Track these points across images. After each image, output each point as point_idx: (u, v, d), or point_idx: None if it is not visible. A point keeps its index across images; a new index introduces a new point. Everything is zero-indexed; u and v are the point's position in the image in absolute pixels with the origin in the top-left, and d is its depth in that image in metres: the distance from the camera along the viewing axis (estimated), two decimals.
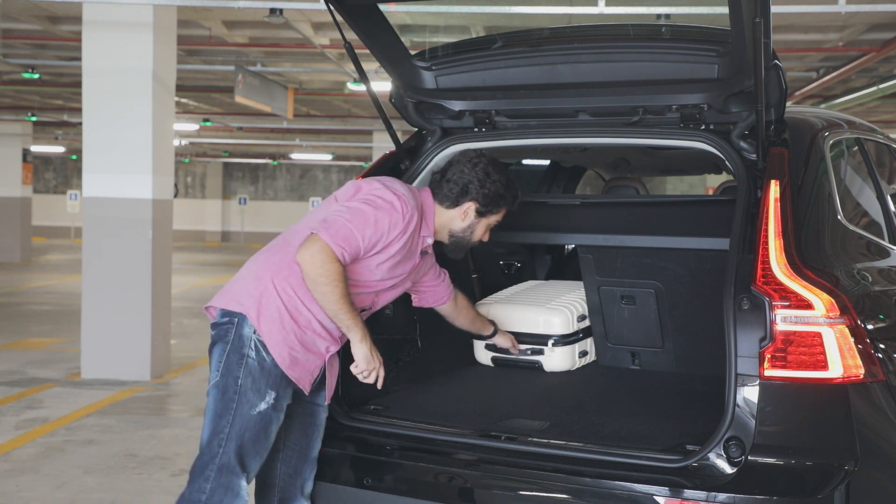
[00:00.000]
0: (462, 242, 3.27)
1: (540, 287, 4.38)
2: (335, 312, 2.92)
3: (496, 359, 4.03)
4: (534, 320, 3.96)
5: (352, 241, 2.90)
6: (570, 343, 4.00)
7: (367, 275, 3.03)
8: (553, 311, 3.98)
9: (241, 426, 2.84)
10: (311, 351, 2.96)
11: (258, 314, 2.89)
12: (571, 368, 4.00)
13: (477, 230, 3.26)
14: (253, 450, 2.87)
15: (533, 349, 3.95)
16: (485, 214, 3.23)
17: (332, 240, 2.86)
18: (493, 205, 3.22)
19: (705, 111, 3.27)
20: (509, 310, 4.03)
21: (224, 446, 2.84)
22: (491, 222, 3.28)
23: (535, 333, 3.95)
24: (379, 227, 2.95)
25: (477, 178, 3.18)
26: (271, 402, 2.87)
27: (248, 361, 2.86)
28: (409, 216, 3.01)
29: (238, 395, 2.85)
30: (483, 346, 4.03)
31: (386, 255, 3.01)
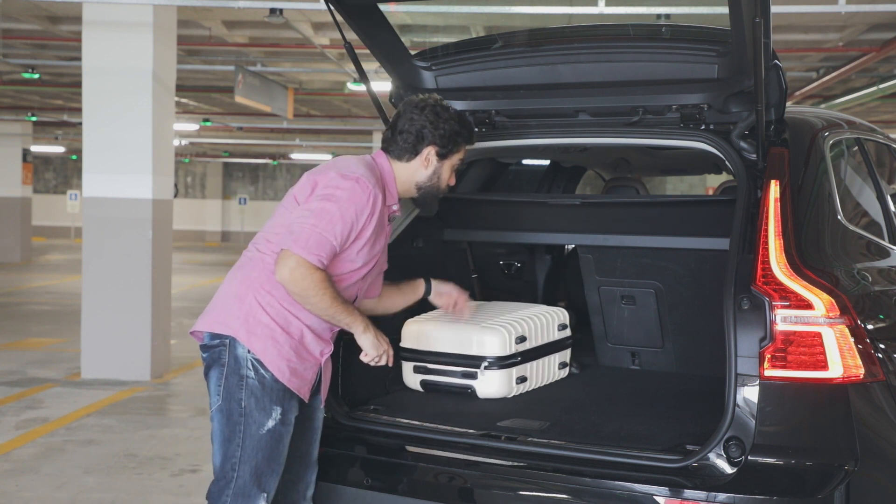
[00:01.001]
0: (431, 192, 3.14)
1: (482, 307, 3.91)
2: (331, 316, 2.89)
3: (425, 383, 3.63)
4: (466, 340, 3.55)
5: (324, 244, 2.81)
6: (506, 367, 3.55)
7: (349, 265, 2.96)
8: (488, 331, 3.54)
9: (253, 447, 2.81)
10: (307, 359, 2.93)
11: (248, 333, 2.84)
12: (507, 395, 3.57)
13: (443, 174, 3.13)
14: (269, 469, 2.84)
15: (465, 372, 3.55)
16: (446, 156, 3.11)
17: (305, 251, 2.78)
18: (451, 143, 3.10)
19: (705, 111, 3.27)
20: (440, 329, 3.61)
21: (238, 470, 2.81)
22: (454, 163, 3.15)
23: (466, 355, 3.54)
24: (346, 219, 2.85)
25: (429, 121, 3.06)
26: (278, 418, 2.84)
27: (249, 382, 2.82)
28: (372, 196, 2.90)
29: (244, 416, 2.81)
30: (411, 370, 3.66)
31: (362, 240, 2.93)
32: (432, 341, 3.60)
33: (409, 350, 3.63)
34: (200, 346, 2.95)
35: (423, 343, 3.60)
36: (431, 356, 3.59)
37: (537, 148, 4.15)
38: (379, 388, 3.61)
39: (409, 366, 3.66)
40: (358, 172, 2.91)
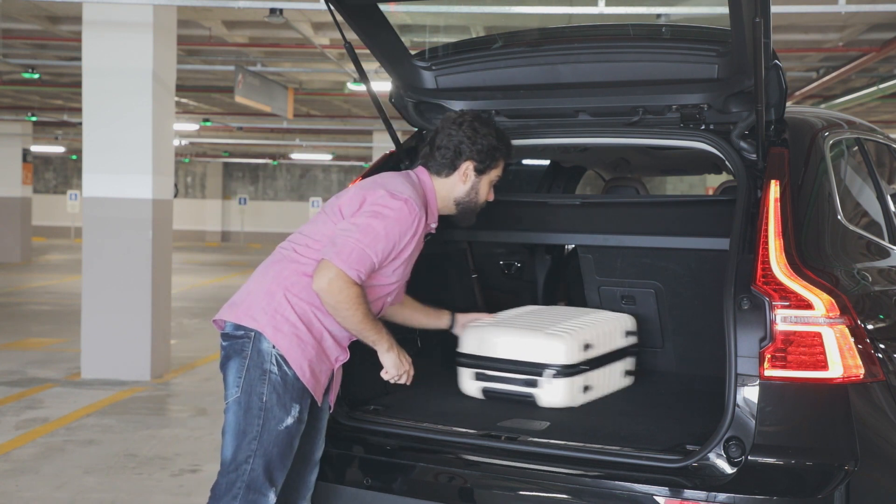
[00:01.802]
0: (470, 207, 3.19)
1: (542, 311, 3.90)
2: (359, 332, 2.93)
3: (485, 390, 3.52)
4: (530, 347, 3.44)
5: (365, 260, 2.85)
6: (572, 375, 3.42)
7: (384, 279, 3.01)
8: (553, 338, 3.41)
9: (269, 442, 2.82)
10: (324, 362, 2.96)
11: (274, 330, 2.85)
12: (572, 405, 3.43)
13: (481, 190, 3.18)
14: (281, 464, 2.86)
15: (527, 380, 3.43)
16: (484, 171, 3.15)
17: (346, 264, 2.81)
18: (489, 158, 3.13)
19: (705, 111, 3.27)
20: (501, 334, 3.52)
21: (252, 463, 2.81)
22: (492, 178, 3.19)
23: (530, 362, 3.43)
24: (390, 238, 2.90)
25: (466, 136, 3.09)
26: (296, 416, 2.86)
27: (272, 377, 2.83)
28: (418, 218, 2.96)
29: (264, 411, 2.82)
30: (471, 376, 3.56)
31: (400, 259, 2.98)
32: (493, 347, 3.48)
33: (468, 356, 3.52)
34: (221, 335, 2.96)
35: (484, 349, 3.49)
36: (492, 363, 3.48)
37: (537, 148, 4.15)
38: (379, 388, 3.61)
39: (468, 372, 3.54)
40: (406, 193, 2.97)
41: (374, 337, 2.96)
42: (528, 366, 3.41)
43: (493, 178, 3.19)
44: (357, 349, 3.46)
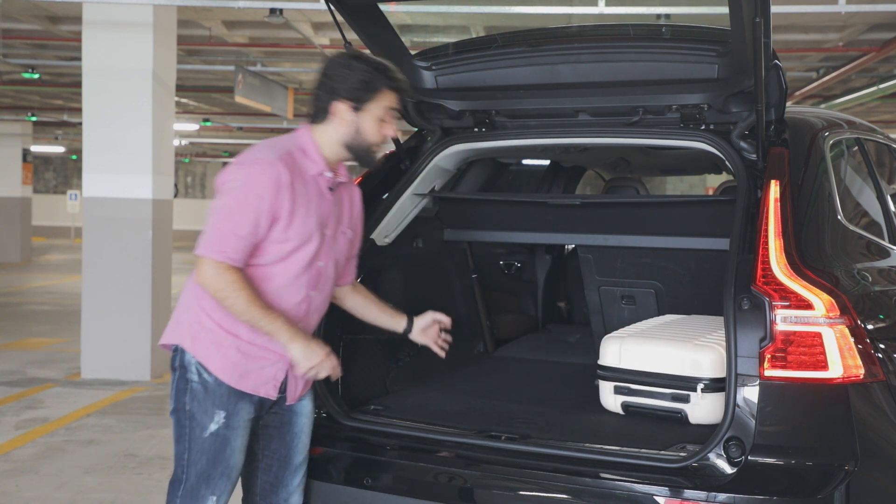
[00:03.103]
0: (361, 148, 2.91)
1: (681, 322, 3.66)
2: (250, 320, 2.75)
3: (627, 405, 3.29)
4: (678, 360, 3.18)
5: (229, 240, 2.72)
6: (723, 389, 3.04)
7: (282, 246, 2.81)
8: (703, 349, 3.15)
9: (198, 450, 2.80)
10: (263, 358, 2.85)
11: (192, 340, 2.82)
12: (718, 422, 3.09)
13: (365, 128, 2.88)
14: (215, 471, 2.81)
15: (675, 395, 3.18)
16: (362, 108, 2.87)
17: (212, 251, 2.72)
18: (364, 93, 2.86)
19: (705, 111, 3.27)
20: (646, 346, 3.29)
21: (186, 472, 2.81)
22: (379, 114, 2.89)
23: (678, 376, 3.17)
24: (247, 207, 2.72)
25: (336, 74, 2.88)
26: (221, 422, 2.80)
27: (192, 385, 2.81)
28: (274, 174, 2.75)
29: (189, 419, 2.81)
30: (611, 390, 3.32)
31: (283, 219, 2.78)
32: (637, 360, 3.26)
33: (609, 369, 3.32)
34: None
35: (626, 361, 3.28)
36: (636, 376, 3.26)
37: (537, 148, 4.15)
38: (379, 388, 3.61)
39: (609, 386, 3.33)
40: (255, 157, 2.81)
41: (269, 326, 2.75)
42: (677, 379, 3.16)
43: (379, 115, 2.89)
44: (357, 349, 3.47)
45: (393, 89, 2.92)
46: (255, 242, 2.77)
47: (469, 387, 3.82)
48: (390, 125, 2.96)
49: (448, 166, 3.85)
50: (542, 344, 4.72)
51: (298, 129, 2.97)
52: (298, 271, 2.86)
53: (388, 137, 2.97)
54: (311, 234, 2.86)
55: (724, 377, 2.80)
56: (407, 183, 3.69)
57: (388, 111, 2.93)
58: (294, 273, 2.86)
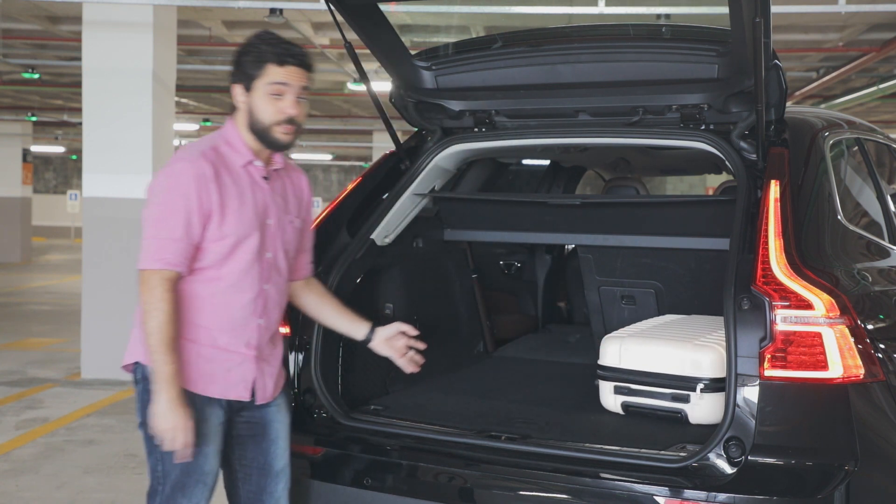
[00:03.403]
0: (260, 130, 2.79)
1: (681, 322, 3.64)
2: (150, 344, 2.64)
3: (627, 405, 3.29)
4: (678, 360, 3.18)
5: (166, 247, 2.66)
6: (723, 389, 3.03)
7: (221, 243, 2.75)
8: (703, 349, 3.15)
9: (170, 461, 2.74)
10: (227, 360, 2.80)
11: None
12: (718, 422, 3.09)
13: (256, 106, 2.78)
14: (190, 480, 2.77)
15: (675, 395, 3.18)
16: (250, 87, 2.78)
17: (151, 262, 2.66)
18: (247, 71, 2.77)
19: (705, 111, 3.27)
20: (645, 346, 3.28)
21: (162, 483, 2.78)
22: (267, 91, 2.76)
23: (678, 376, 3.17)
24: (176, 210, 2.67)
25: (234, 59, 2.82)
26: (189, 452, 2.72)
27: None
28: (194, 171, 2.70)
29: None
30: (611, 390, 3.32)
31: (216, 214, 2.72)
32: (637, 360, 3.25)
33: (609, 369, 3.31)
34: None
35: (626, 361, 3.27)
36: (636, 376, 3.25)
37: (537, 148, 4.15)
38: (379, 388, 3.61)
39: (609, 386, 3.32)
40: (176, 158, 2.77)
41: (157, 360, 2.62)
42: (677, 379, 3.15)
43: (267, 90, 2.77)
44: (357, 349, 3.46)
45: (279, 63, 2.77)
46: (194, 244, 2.71)
47: (469, 387, 3.82)
48: (288, 101, 2.78)
49: (448, 166, 3.85)
50: (542, 344, 4.72)
51: (226, 123, 2.91)
52: (246, 267, 2.79)
53: (287, 114, 2.78)
54: (249, 226, 2.79)
55: (724, 377, 2.80)
56: (407, 183, 3.69)
57: (280, 86, 2.77)
58: (242, 269, 2.79)
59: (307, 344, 3.26)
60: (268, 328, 2.88)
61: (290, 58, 2.78)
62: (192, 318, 2.76)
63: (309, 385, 3.26)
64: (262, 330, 2.86)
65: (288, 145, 2.85)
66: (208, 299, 2.77)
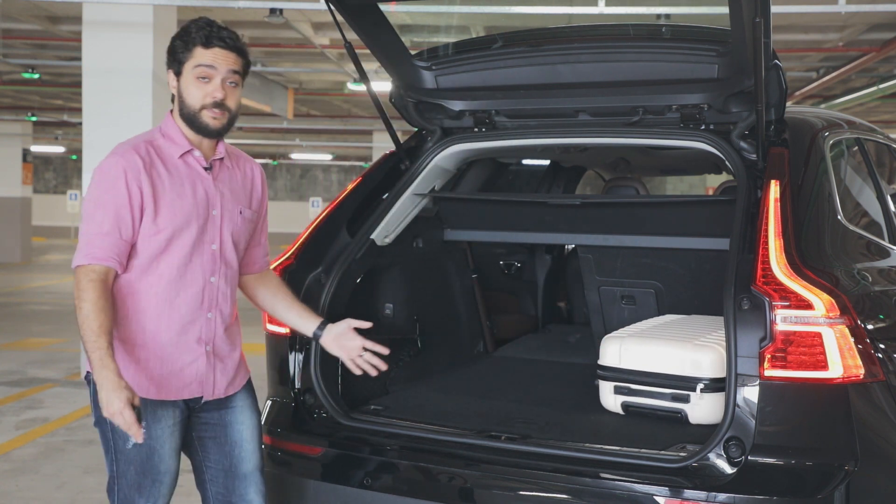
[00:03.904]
0: (189, 114, 2.75)
1: (681, 322, 3.64)
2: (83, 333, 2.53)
3: (627, 405, 3.28)
4: (678, 360, 3.17)
5: (94, 241, 2.62)
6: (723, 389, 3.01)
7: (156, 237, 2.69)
8: (703, 349, 3.14)
9: (124, 461, 2.74)
10: (179, 360, 2.74)
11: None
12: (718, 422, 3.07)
13: (186, 91, 2.74)
14: (146, 480, 2.75)
15: (675, 395, 3.17)
16: (179, 71, 2.75)
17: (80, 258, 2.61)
18: (177, 55, 2.75)
19: (705, 111, 3.27)
20: (645, 346, 3.27)
21: (119, 483, 2.77)
22: (196, 73, 2.72)
23: (678, 376, 3.16)
24: (105, 204, 2.64)
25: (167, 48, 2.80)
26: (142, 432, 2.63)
27: None
28: (124, 164, 2.68)
29: (111, 431, 2.71)
30: (611, 390, 3.31)
31: (150, 209, 2.68)
32: (637, 360, 3.25)
33: (609, 369, 3.31)
34: None
35: (626, 361, 3.27)
36: (636, 376, 3.24)
37: (537, 148, 4.16)
38: (379, 388, 3.61)
39: (609, 386, 3.31)
40: (109, 154, 2.76)
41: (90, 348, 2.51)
42: (677, 379, 3.14)
43: (195, 74, 2.73)
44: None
45: (205, 45, 2.72)
46: (126, 239, 2.65)
47: (469, 387, 3.82)
48: (215, 84, 2.73)
49: (448, 166, 3.85)
50: (542, 344, 4.72)
51: (167, 113, 2.88)
52: (185, 259, 2.72)
53: (215, 98, 2.73)
54: (187, 217, 2.73)
55: (724, 377, 2.81)
56: (407, 183, 3.69)
57: (206, 69, 2.72)
58: (180, 262, 2.72)
59: (307, 344, 3.25)
60: (220, 322, 2.81)
61: (216, 40, 2.73)
62: (140, 321, 2.70)
63: (309, 385, 3.26)
64: (212, 324, 2.79)
65: (218, 131, 2.78)
66: (153, 296, 2.70)
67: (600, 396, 3.35)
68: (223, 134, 2.82)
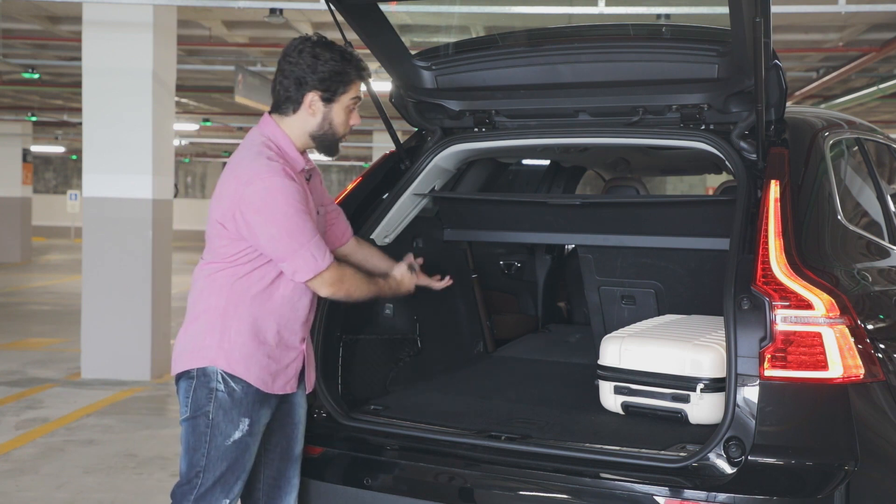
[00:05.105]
0: (328, 138, 2.93)
1: (681, 322, 3.63)
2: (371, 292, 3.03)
3: (627, 405, 3.27)
4: (678, 359, 3.16)
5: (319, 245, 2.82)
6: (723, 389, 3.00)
7: None
8: (702, 349, 3.13)
9: (218, 458, 2.81)
10: (287, 357, 2.92)
11: (227, 359, 2.80)
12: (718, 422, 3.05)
13: (335, 119, 2.91)
14: (233, 476, 2.85)
15: (675, 395, 3.16)
16: (332, 99, 2.88)
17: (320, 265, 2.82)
18: (335, 84, 2.87)
19: (705, 111, 3.27)
20: (645, 346, 3.27)
21: (202, 478, 2.82)
22: (347, 104, 2.92)
23: (678, 376, 3.15)
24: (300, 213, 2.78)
25: (307, 64, 2.85)
26: (246, 430, 2.83)
27: (218, 395, 2.80)
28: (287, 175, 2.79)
29: (210, 428, 2.80)
30: (611, 390, 3.31)
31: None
32: (637, 360, 3.24)
33: (609, 369, 3.30)
34: None
35: (626, 361, 3.27)
36: (636, 376, 3.24)
37: (537, 148, 4.16)
38: (379, 388, 3.61)
39: (609, 386, 3.31)
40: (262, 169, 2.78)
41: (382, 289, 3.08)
42: (677, 379, 3.14)
43: (347, 105, 2.92)
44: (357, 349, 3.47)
45: (361, 79, 2.96)
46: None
47: (469, 387, 3.82)
48: (356, 114, 3.01)
49: (448, 166, 3.85)
50: (542, 344, 4.72)
51: (266, 125, 2.92)
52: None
53: (356, 125, 3.03)
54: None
55: (724, 377, 2.81)
56: (407, 183, 3.69)
57: (358, 101, 2.98)
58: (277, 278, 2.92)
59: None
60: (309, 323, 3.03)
61: (368, 75, 2.99)
62: (267, 320, 2.86)
63: None
64: (310, 323, 3.02)
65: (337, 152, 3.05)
66: (287, 300, 2.88)
67: (600, 396, 3.35)
68: None
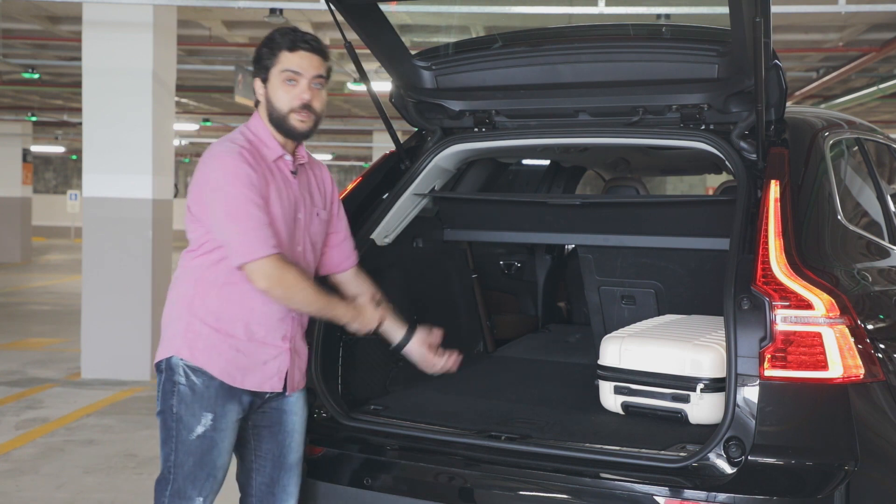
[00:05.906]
0: (276, 118, 2.86)
1: (681, 322, 3.61)
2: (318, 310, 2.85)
3: (627, 405, 3.26)
4: (678, 359, 3.15)
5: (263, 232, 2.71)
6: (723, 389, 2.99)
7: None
8: (702, 349, 3.12)
9: (184, 452, 2.81)
10: (262, 353, 2.86)
11: (190, 349, 2.80)
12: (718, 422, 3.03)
13: (274, 96, 2.85)
14: (201, 473, 2.82)
15: (675, 395, 3.15)
16: (266, 77, 2.86)
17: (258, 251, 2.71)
18: (265, 61, 2.85)
19: (705, 111, 3.27)
20: (645, 346, 3.25)
21: (173, 473, 2.83)
22: (283, 77, 2.83)
23: (678, 376, 3.14)
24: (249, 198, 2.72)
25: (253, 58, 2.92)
26: (209, 425, 2.80)
27: (179, 388, 2.80)
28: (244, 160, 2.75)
29: (176, 422, 2.81)
30: (611, 390, 3.29)
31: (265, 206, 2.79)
32: (637, 360, 3.22)
33: (609, 369, 3.28)
34: None
35: (626, 361, 3.25)
36: (636, 376, 3.22)
37: (537, 148, 4.15)
38: (379, 388, 3.61)
39: (609, 386, 3.29)
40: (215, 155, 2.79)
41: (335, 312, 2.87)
42: (677, 379, 3.12)
43: (282, 78, 2.84)
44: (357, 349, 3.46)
45: (290, 49, 2.83)
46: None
47: (469, 387, 3.82)
48: (302, 87, 2.84)
49: (448, 166, 3.85)
50: (542, 344, 4.72)
51: (252, 118, 2.96)
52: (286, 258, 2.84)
53: (302, 100, 2.84)
54: (284, 220, 2.85)
55: (724, 377, 2.80)
56: (407, 183, 3.69)
57: (292, 73, 2.83)
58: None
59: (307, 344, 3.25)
60: (301, 320, 2.96)
61: (301, 43, 2.84)
62: (239, 311, 2.82)
63: (309, 385, 3.25)
64: (295, 322, 2.94)
65: (305, 133, 2.90)
66: (256, 292, 2.80)
67: (600, 396, 3.35)
68: (309, 136, 2.95)
